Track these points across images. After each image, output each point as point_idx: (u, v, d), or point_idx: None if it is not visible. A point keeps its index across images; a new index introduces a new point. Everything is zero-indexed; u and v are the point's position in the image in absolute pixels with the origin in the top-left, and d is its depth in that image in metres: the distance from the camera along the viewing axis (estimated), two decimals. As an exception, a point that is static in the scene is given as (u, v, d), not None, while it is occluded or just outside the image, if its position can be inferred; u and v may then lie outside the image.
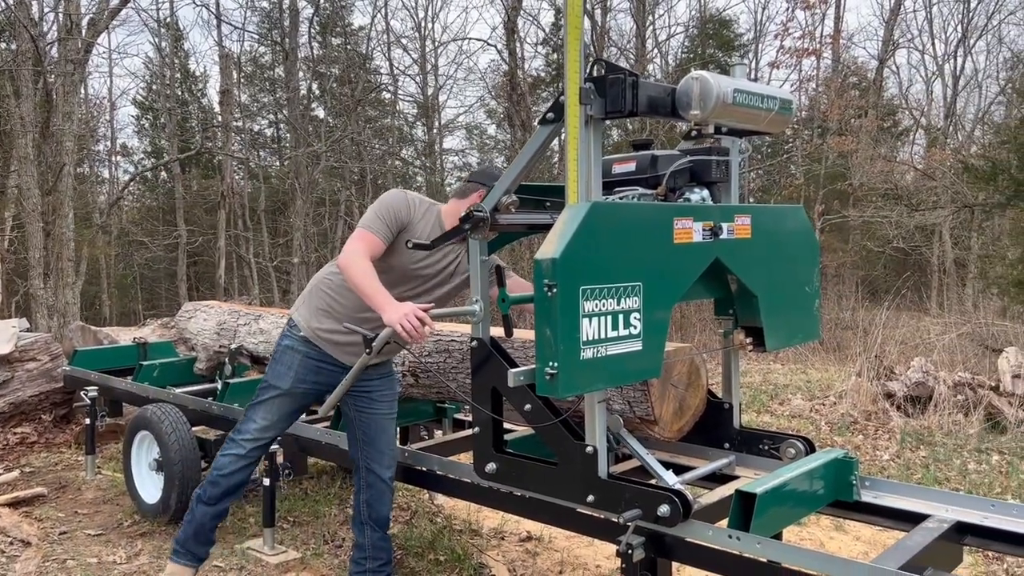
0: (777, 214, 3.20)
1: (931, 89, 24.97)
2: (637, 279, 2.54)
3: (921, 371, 7.19)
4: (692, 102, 2.68)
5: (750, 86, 2.80)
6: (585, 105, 2.53)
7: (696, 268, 2.77)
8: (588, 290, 2.41)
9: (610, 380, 2.55)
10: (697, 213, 2.76)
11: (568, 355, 2.36)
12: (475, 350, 2.93)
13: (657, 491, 2.62)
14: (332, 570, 3.90)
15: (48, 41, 13.00)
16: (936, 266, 19.79)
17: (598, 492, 2.71)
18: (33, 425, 6.16)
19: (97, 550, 4.16)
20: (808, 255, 3.26)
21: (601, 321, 2.44)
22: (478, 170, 3.35)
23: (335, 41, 23.82)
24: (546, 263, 2.35)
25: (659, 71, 23.46)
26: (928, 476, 5.45)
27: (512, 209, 2.95)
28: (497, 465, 2.96)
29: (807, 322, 3.25)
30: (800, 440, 3.15)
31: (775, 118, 2.94)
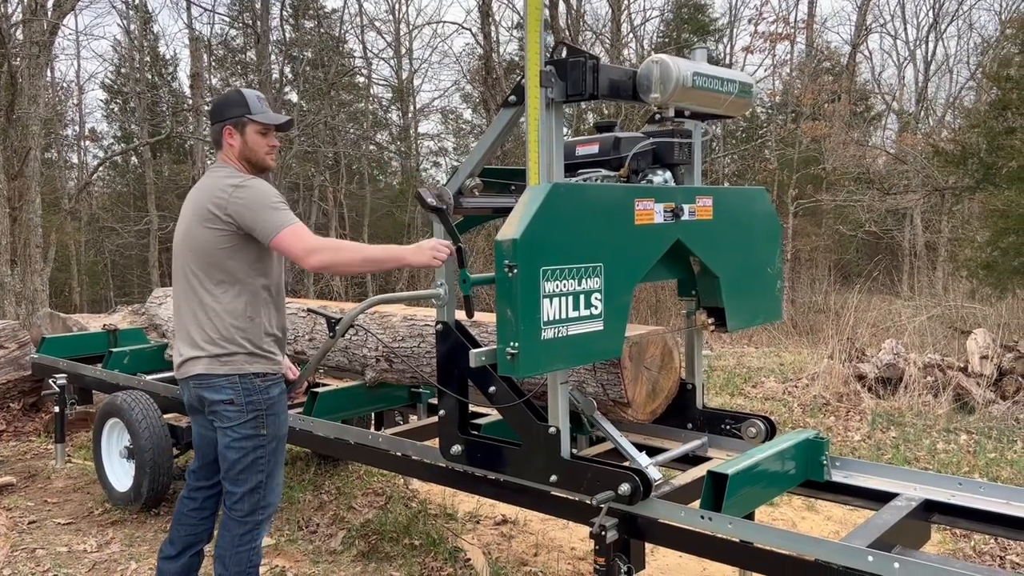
0: (739, 196, 3.23)
1: (903, 74, 25.32)
2: (598, 260, 2.56)
3: (892, 353, 7.29)
4: (652, 85, 2.70)
5: (710, 69, 2.82)
6: (546, 88, 2.53)
7: (657, 249, 2.79)
8: (549, 271, 2.42)
9: (572, 360, 2.56)
10: (658, 194, 2.77)
11: (529, 335, 2.38)
12: (440, 333, 2.95)
13: (618, 470, 2.66)
14: (307, 556, 3.89)
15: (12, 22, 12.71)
16: (907, 249, 20.04)
17: (561, 472, 2.74)
18: (1, 413, 6.07)
19: (67, 539, 4.11)
20: (770, 237, 3.28)
21: (562, 301, 2.46)
22: (213, 108, 3.01)
23: (308, 24, 23.54)
24: (507, 244, 2.35)
25: (635, 56, 23.44)
26: (898, 456, 5.53)
27: (476, 192, 2.96)
28: (462, 447, 3.00)
29: (769, 303, 3.28)
30: (761, 420, 3.20)
31: (735, 101, 2.96)
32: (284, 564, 3.78)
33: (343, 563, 3.82)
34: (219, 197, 2.78)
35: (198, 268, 2.83)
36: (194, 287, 2.84)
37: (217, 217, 2.77)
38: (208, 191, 2.83)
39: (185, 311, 2.88)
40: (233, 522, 2.92)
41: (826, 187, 18.87)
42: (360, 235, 23.12)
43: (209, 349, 2.83)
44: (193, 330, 2.85)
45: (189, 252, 2.85)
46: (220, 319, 2.83)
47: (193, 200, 2.88)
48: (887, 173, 18.80)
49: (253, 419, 2.86)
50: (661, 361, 3.16)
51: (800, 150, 20.14)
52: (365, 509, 4.53)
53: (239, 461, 2.86)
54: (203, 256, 2.82)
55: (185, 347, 2.89)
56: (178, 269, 2.91)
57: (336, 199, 22.64)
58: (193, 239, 2.83)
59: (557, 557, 3.92)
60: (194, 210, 2.85)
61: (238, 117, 2.89)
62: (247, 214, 2.74)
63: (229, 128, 2.90)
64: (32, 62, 11.91)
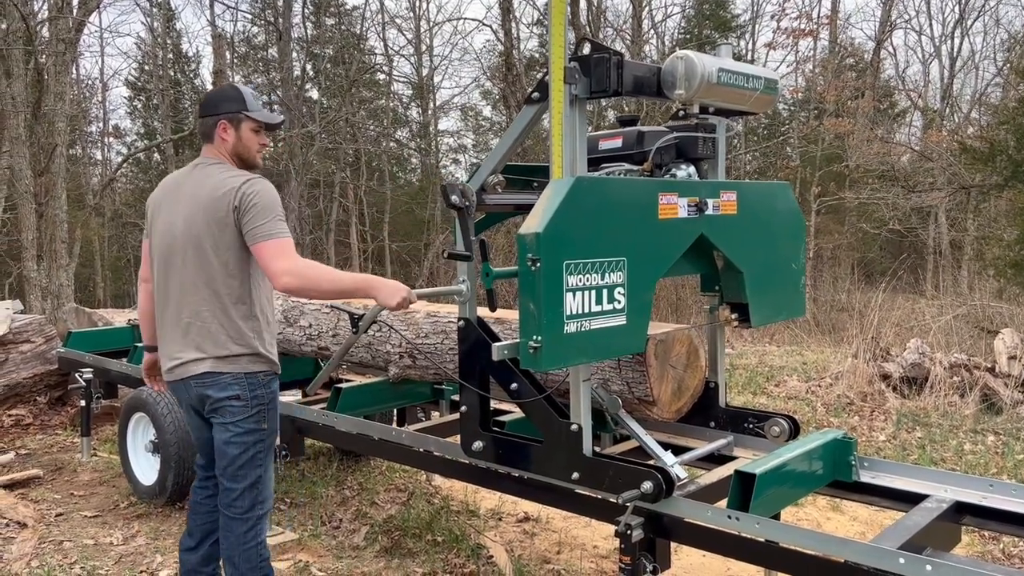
0: (763, 191, 3.20)
1: (928, 70, 24.96)
2: (621, 254, 2.54)
3: (917, 352, 7.20)
4: (677, 82, 2.69)
5: (735, 66, 2.81)
6: (570, 84, 2.54)
7: (681, 243, 2.77)
8: (572, 264, 2.41)
9: (594, 354, 2.55)
10: (682, 189, 2.75)
11: (551, 329, 2.37)
12: (462, 329, 2.95)
13: (640, 468, 2.64)
14: (330, 551, 3.90)
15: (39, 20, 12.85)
16: (932, 248, 19.82)
17: (583, 470, 2.73)
18: (28, 407, 6.14)
19: (93, 532, 4.15)
20: (794, 232, 3.26)
21: (585, 296, 2.44)
22: (203, 101, 2.97)
23: (329, 21, 23.62)
24: (530, 237, 2.35)
25: (655, 52, 23.33)
26: (924, 457, 5.46)
27: (499, 189, 2.94)
28: (484, 444, 3.00)
29: (792, 299, 3.26)
30: (784, 419, 3.18)
31: (760, 98, 2.95)
32: (307, 559, 3.79)
33: (366, 558, 3.83)
34: (227, 192, 2.72)
35: (208, 266, 2.77)
36: (199, 286, 2.78)
37: (228, 213, 2.71)
38: (215, 187, 2.76)
39: (185, 311, 2.80)
40: (235, 521, 2.88)
41: (849, 184, 18.68)
42: (380, 231, 23.21)
43: (213, 351, 2.79)
44: (196, 329, 2.79)
45: (195, 250, 2.76)
46: (230, 320, 2.79)
47: (193, 197, 2.80)
48: (912, 170, 18.59)
49: (256, 413, 2.85)
50: (687, 359, 3.14)
51: (823, 147, 19.96)
52: (388, 505, 4.54)
53: (239, 456, 2.84)
54: (216, 255, 2.75)
55: (185, 349, 2.81)
56: (176, 268, 2.81)
57: (356, 196, 22.74)
58: (202, 237, 2.75)
59: (580, 555, 3.91)
60: (201, 207, 2.76)
61: (235, 112, 2.86)
62: (250, 212, 2.70)
63: (224, 123, 2.85)
64: (58, 59, 12.04)
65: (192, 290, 2.79)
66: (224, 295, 2.78)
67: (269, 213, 2.71)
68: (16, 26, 11.73)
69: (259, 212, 2.70)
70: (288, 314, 4.39)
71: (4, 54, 11.74)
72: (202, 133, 2.92)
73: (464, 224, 2.84)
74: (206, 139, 2.91)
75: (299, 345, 4.33)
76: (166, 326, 2.88)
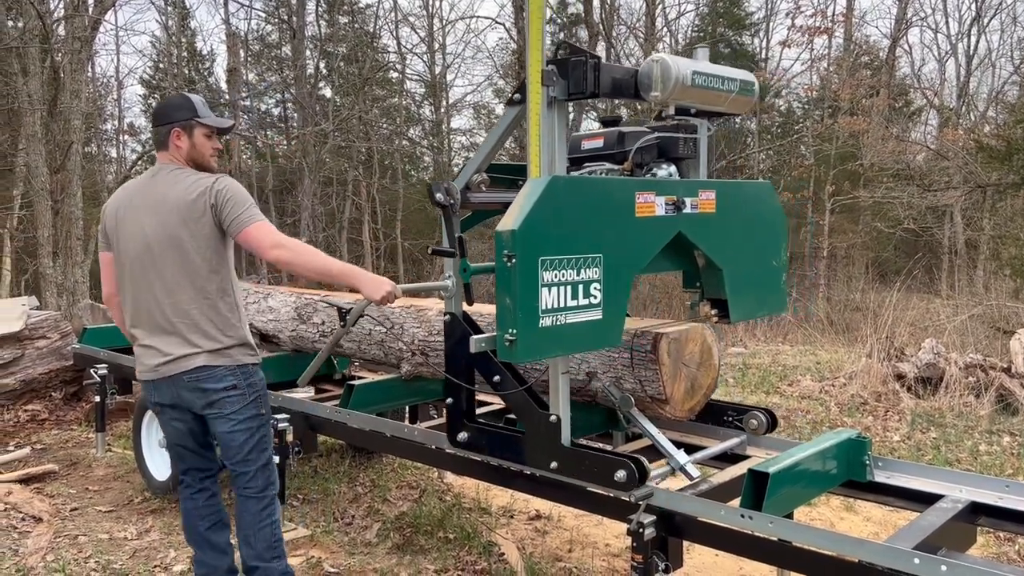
0: (744, 190, 3.27)
1: (944, 68, 24.74)
2: (598, 251, 2.61)
3: (932, 352, 7.15)
4: (653, 84, 2.77)
5: (710, 68, 2.88)
6: (547, 86, 2.62)
7: (658, 241, 2.83)
8: (547, 261, 2.48)
9: (570, 347, 2.62)
10: (660, 187, 2.81)
11: (527, 322, 2.44)
12: (448, 324, 3.05)
13: (614, 457, 2.72)
14: (342, 547, 3.91)
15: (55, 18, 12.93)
16: (947, 247, 19.67)
17: (561, 459, 2.81)
18: (43, 402, 6.19)
19: (108, 526, 4.18)
20: (775, 230, 3.31)
21: (560, 291, 2.52)
22: (155, 111, 3.06)
23: (342, 19, 23.66)
24: (505, 234, 2.42)
25: (668, 50, 23.25)
26: (939, 457, 5.43)
27: (483, 187, 3.03)
28: (468, 434, 3.10)
29: (773, 295, 3.31)
30: (763, 412, 3.24)
31: (737, 99, 3.01)
32: (320, 555, 3.81)
33: (378, 555, 3.84)
34: (201, 192, 2.86)
35: (190, 265, 2.88)
36: (183, 285, 2.88)
37: (205, 212, 2.85)
38: (187, 190, 2.88)
39: (170, 310, 2.89)
40: (251, 500, 3.00)
41: (864, 183, 18.57)
42: (393, 229, 23.25)
43: (206, 345, 2.89)
44: (185, 327, 2.88)
45: (174, 250, 2.87)
46: (218, 313, 2.92)
47: (162, 201, 2.90)
48: (927, 169, 18.45)
49: (253, 401, 2.98)
50: (700, 358, 3.13)
51: (837, 146, 19.85)
52: (399, 502, 4.55)
53: (247, 442, 2.96)
54: (197, 252, 2.87)
55: (174, 346, 2.89)
56: (153, 270, 2.90)
57: (369, 194, 22.78)
58: (181, 237, 2.87)
59: (591, 553, 3.91)
60: (175, 209, 2.87)
61: (186, 120, 2.97)
62: (228, 205, 2.85)
63: (177, 130, 2.97)
64: (74, 57, 12.12)
65: (177, 289, 2.89)
66: (209, 290, 2.91)
67: (245, 202, 2.88)
68: (33, 24, 11.82)
69: (236, 203, 2.86)
70: (301, 311, 4.41)
71: (21, 52, 11.83)
72: (157, 142, 3.03)
73: (449, 222, 2.97)
74: (161, 147, 3.02)
75: (311, 342, 4.34)
76: (144, 327, 2.95)
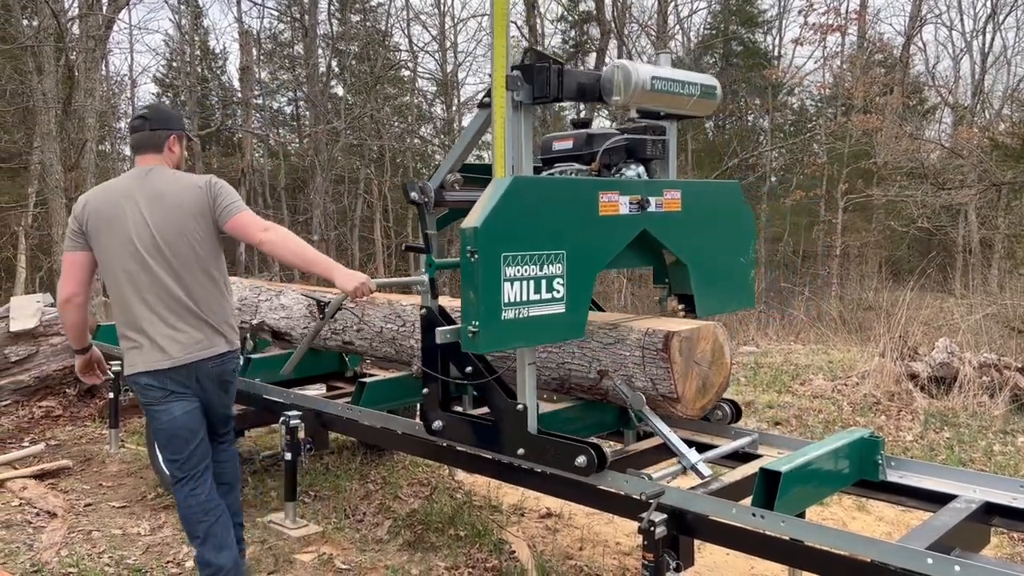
0: (710, 189, 3.42)
1: (959, 66, 24.57)
2: (560, 247, 2.72)
3: (946, 352, 7.10)
4: (614, 88, 2.90)
5: (670, 73, 3.02)
6: (512, 91, 2.76)
7: (622, 238, 2.93)
8: (510, 256, 2.59)
9: (532, 339, 2.74)
10: (623, 187, 2.92)
11: (489, 315, 2.56)
12: (424, 317, 3.20)
13: (575, 443, 2.85)
14: (353, 544, 3.93)
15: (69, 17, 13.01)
16: (961, 246, 19.53)
17: (528, 446, 2.96)
18: (58, 399, 6.24)
19: (121, 522, 4.21)
20: (742, 228, 3.41)
21: (523, 285, 2.63)
22: (153, 116, 3.21)
23: (354, 18, 23.71)
24: (469, 231, 2.53)
25: (680, 48, 23.19)
26: (952, 457, 5.39)
27: (457, 187, 3.19)
28: (443, 422, 3.24)
29: (741, 291, 3.43)
30: (726, 403, 3.34)
31: (699, 102, 3.16)
32: (331, 551, 3.82)
33: (389, 552, 3.85)
34: (202, 188, 3.10)
35: (207, 254, 3.10)
36: (196, 274, 3.08)
37: (206, 206, 3.08)
38: (187, 187, 3.10)
39: (186, 297, 3.06)
40: (235, 449, 3.48)
41: (877, 182, 18.45)
42: (404, 227, 23.27)
43: (226, 331, 3.17)
44: (204, 313, 3.09)
45: (184, 243, 3.05)
46: (226, 300, 3.19)
47: (162, 197, 3.06)
48: (941, 167, 18.31)
49: None
50: (712, 356, 3.12)
51: (851, 144, 19.74)
52: (411, 499, 4.56)
53: (231, 408, 3.39)
54: (203, 244, 3.09)
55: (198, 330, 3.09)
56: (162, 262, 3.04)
57: (381, 192, 22.81)
58: (189, 231, 3.06)
59: (603, 552, 3.90)
60: (179, 205, 3.06)
61: (181, 129, 3.25)
62: (221, 195, 3.10)
63: (175, 136, 3.21)
64: (88, 56, 12.20)
65: (190, 278, 3.08)
66: (217, 278, 3.16)
67: (235, 195, 3.15)
68: (47, 23, 11.89)
69: (228, 195, 3.11)
70: (314, 308, 4.42)
71: (36, 51, 11.91)
72: (150, 144, 3.18)
73: (423, 219, 3.16)
74: (153, 149, 3.18)
75: (324, 340, 4.36)
76: (158, 318, 3.06)
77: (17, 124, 14.98)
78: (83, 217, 3.10)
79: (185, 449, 3.13)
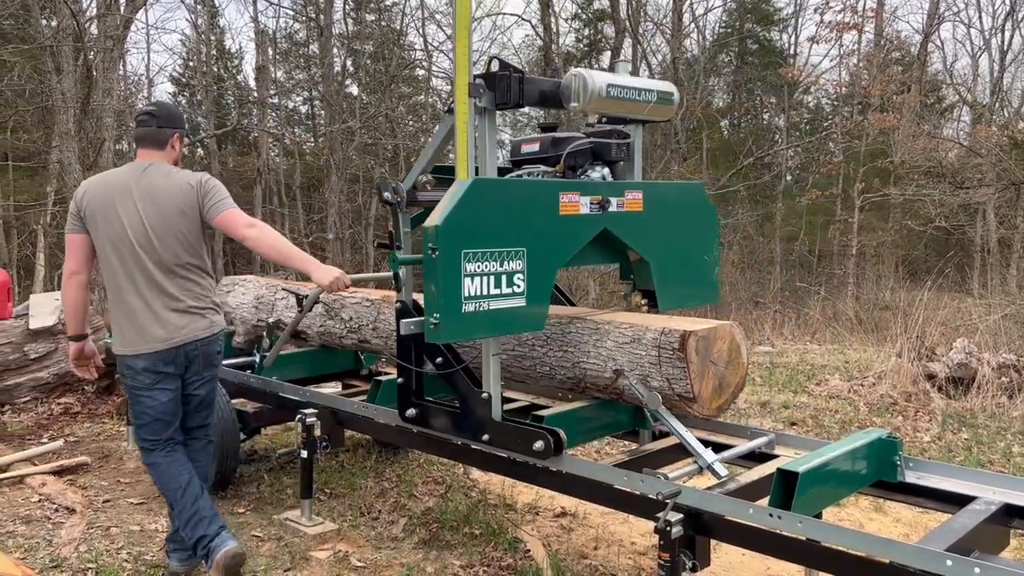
0: (673, 190, 3.59)
1: (977, 64, 24.32)
2: (521, 245, 2.89)
3: (964, 352, 7.05)
4: (572, 95, 3.08)
5: (627, 80, 3.20)
6: (474, 98, 2.95)
7: (582, 237, 3.10)
8: (470, 253, 2.75)
9: (493, 330, 2.91)
10: (584, 188, 3.09)
11: (449, 308, 2.72)
12: (399, 311, 3.36)
13: (534, 429, 3.03)
14: (369, 542, 3.94)
15: (88, 17, 13.11)
16: (979, 245, 19.35)
17: (492, 432, 3.14)
18: (76, 396, 6.29)
19: (139, 518, 4.24)
20: (706, 227, 3.58)
21: (483, 280, 2.80)
22: (160, 114, 3.39)
23: (369, 17, 23.76)
24: (431, 229, 2.70)
25: (696, 46, 23.10)
26: (971, 459, 5.35)
27: (428, 187, 3.42)
28: (416, 411, 3.43)
29: (704, 287, 3.61)
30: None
31: (656, 108, 3.33)
32: (347, 549, 3.83)
33: (404, 550, 3.86)
34: (194, 185, 3.29)
35: (194, 245, 3.31)
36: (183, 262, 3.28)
37: (196, 201, 3.27)
38: (181, 183, 3.29)
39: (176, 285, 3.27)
40: (211, 444, 3.64)
41: (894, 181, 18.31)
42: (418, 226, 23.27)
43: (212, 314, 3.38)
44: (190, 296, 3.30)
45: (172, 232, 3.25)
46: (209, 286, 3.39)
47: (156, 190, 3.26)
48: (960, 166, 18.15)
49: None
50: (728, 356, 3.11)
51: (867, 143, 19.60)
52: (426, 497, 4.57)
53: (212, 395, 3.51)
54: (194, 236, 3.30)
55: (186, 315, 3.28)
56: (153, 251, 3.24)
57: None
58: (179, 223, 3.26)
59: (617, 551, 3.90)
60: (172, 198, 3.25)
61: (184, 129, 3.47)
62: (211, 193, 3.29)
63: (179, 135, 3.42)
64: (106, 55, 12.28)
65: (180, 266, 3.28)
66: (203, 267, 3.37)
67: (224, 193, 3.34)
68: (66, 23, 11.99)
69: (217, 192, 3.31)
70: (330, 307, 4.44)
71: (55, 51, 12.02)
72: (156, 140, 3.36)
73: (395, 218, 3.39)
74: (157, 145, 3.37)
75: (339, 338, 4.37)
76: (147, 302, 3.25)
77: (36, 123, 15.12)
78: (82, 203, 3.29)
79: (164, 432, 3.38)
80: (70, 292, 3.39)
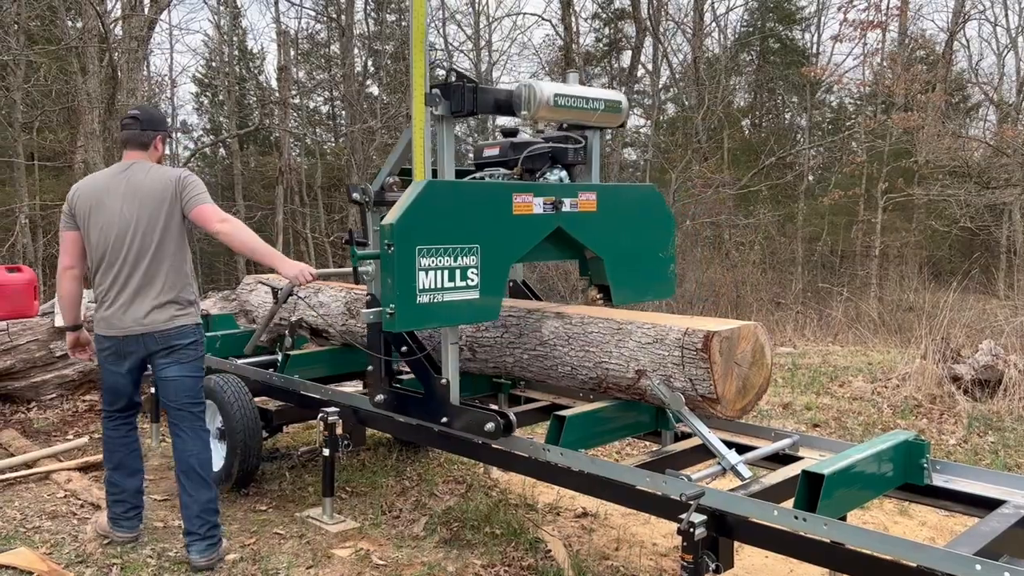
0: (626, 192, 3.75)
1: (1003, 63, 23.99)
2: (475, 242, 3.10)
3: (990, 354, 6.95)
4: (522, 104, 3.28)
5: (574, 90, 3.40)
6: (431, 106, 3.17)
7: (536, 235, 3.31)
8: (424, 249, 2.96)
9: (447, 320, 3.13)
10: (537, 190, 3.29)
11: (404, 299, 2.95)
12: (369, 303, 3.45)
13: (485, 411, 3.24)
14: (390, 540, 3.95)
15: (113, 19, 13.25)
16: (1005, 246, 19.10)
17: (450, 415, 3.36)
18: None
19: (163, 515, 4.27)
20: (660, 226, 3.79)
21: (437, 274, 3.01)
22: (143, 118, 3.58)
23: (390, 18, 23.85)
24: (386, 227, 2.93)
25: (717, 46, 22.98)
26: (997, 462, 5.28)
27: (395, 188, 3.60)
28: (384, 396, 3.63)
29: (660, 283, 3.81)
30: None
31: (604, 115, 3.52)
32: (368, 547, 3.84)
33: (426, 548, 3.87)
34: (176, 181, 3.47)
35: (169, 240, 3.46)
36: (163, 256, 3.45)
37: (176, 197, 3.45)
38: (161, 180, 3.47)
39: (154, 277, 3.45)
40: (202, 431, 3.65)
41: (918, 181, 18.11)
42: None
43: (184, 306, 3.51)
44: (167, 291, 3.46)
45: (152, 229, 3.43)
46: (185, 278, 3.53)
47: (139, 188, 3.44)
48: (985, 166, 17.91)
49: (202, 354, 3.66)
50: (752, 356, 3.08)
51: (891, 142, 19.40)
52: (446, 496, 4.57)
53: (195, 384, 3.61)
54: (173, 229, 3.46)
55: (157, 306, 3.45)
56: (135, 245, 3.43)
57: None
58: (159, 219, 3.43)
59: (639, 552, 3.88)
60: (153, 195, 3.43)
61: (167, 131, 3.67)
62: (188, 188, 3.46)
63: (161, 136, 3.62)
64: (131, 56, 12.41)
65: (159, 260, 3.46)
66: (181, 261, 3.53)
67: (202, 188, 3.51)
68: (92, 24, 12.13)
69: (194, 187, 3.48)
70: (351, 306, 4.46)
71: (80, 52, 12.16)
72: (139, 141, 3.56)
73: (364, 216, 3.63)
74: (140, 146, 3.56)
75: (360, 336, 4.38)
76: (124, 292, 3.46)
77: (62, 124, 15.30)
78: (73, 203, 3.54)
79: (117, 402, 3.73)
80: (65, 285, 3.65)
